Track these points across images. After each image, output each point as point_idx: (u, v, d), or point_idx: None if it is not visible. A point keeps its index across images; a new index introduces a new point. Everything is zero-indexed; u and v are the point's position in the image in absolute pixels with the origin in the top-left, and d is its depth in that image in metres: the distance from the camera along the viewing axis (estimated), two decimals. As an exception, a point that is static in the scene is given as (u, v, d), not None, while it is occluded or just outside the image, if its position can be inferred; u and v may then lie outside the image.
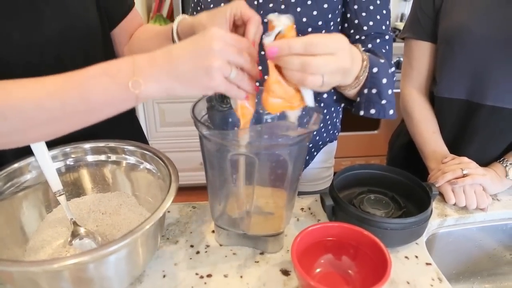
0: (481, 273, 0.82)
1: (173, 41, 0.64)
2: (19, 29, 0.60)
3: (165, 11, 2.10)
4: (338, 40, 0.47)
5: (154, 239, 0.55)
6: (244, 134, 0.50)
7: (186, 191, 1.56)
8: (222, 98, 0.64)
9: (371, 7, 0.75)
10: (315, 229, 0.58)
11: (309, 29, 0.74)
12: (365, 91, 0.66)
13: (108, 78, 0.42)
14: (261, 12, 0.74)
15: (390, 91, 0.68)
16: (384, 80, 0.66)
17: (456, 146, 0.87)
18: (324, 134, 0.91)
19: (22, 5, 0.59)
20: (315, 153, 0.93)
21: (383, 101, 0.67)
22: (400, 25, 2.09)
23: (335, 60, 0.46)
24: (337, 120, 0.93)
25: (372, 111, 0.67)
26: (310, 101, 0.49)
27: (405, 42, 0.95)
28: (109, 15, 0.76)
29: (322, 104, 0.84)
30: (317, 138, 0.90)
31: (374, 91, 0.66)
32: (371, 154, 2.18)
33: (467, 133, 0.87)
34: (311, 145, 0.89)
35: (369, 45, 0.73)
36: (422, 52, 0.92)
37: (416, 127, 0.91)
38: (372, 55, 0.68)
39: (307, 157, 0.91)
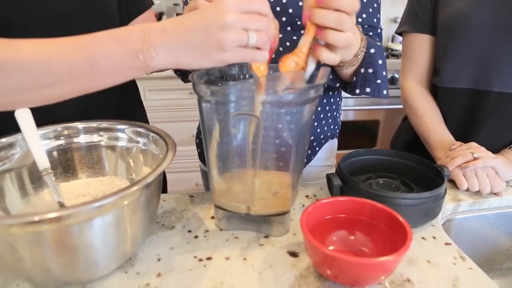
0: (501, 267, 0.77)
1: None
2: (43, 1, 0.61)
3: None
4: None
5: (145, 213, 0.49)
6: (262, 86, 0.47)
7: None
8: (221, 74, 0.62)
9: (364, 0, 0.75)
10: (326, 203, 0.54)
11: (298, 21, 0.73)
12: (362, 70, 0.68)
13: (117, 45, 0.41)
14: None
15: (384, 73, 0.71)
16: (380, 61, 0.69)
17: (463, 137, 0.84)
18: (325, 128, 0.88)
19: None
20: (317, 148, 0.89)
21: (378, 81, 0.70)
22: (392, 45, 2.13)
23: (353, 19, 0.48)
24: (337, 114, 0.91)
25: (368, 89, 0.70)
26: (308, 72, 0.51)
27: (403, 36, 0.95)
28: (128, 6, 0.76)
29: (329, 93, 0.82)
30: (319, 131, 0.86)
31: (370, 70, 0.69)
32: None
33: (474, 123, 0.85)
34: (312, 137, 0.86)
35: None
36: (421, 44, 0.91)
37: (419, 119, 0.89)
38: (369, 38, 0.69)
39: (309, 152, 0.87)
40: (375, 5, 0.78)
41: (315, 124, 0.84)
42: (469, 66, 0.82)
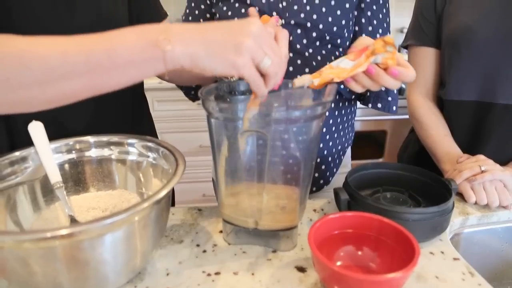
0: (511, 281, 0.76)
1: None
2: (53, 17, 0.61)
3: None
4: None
5: (155, 227, 0.50)
6: (253, 105, 0.48)
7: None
8: (230, 89, 0.63)
9: (380, 15, 0.80)
10: (334, 218, 0.54)
11: (327, 36, 0.75)
12: None
13: (136, 35, 0.42)
14: (287, 14, 0.75)
15: (395, 90, 0.77)
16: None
17: (470, 149, 0.84)
18: (347, 136, 0.91)
19: None
20: (342, 157, 0.92)
21: (389, 98, 0.79)
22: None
23: None
24: (354, 121, 0.94)
25: (379, 105, 0.80)
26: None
27: (409, 49, 0.96)
28: (139, 20, 0.77)
29: (346, 103, 0.86)
30: (344, 140, 0.89)
31: (382, 88, 0.74)
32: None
33: (481, 135, 0.85)
34: (339, 147, 0.88)
35: None
36: (426, 58, 0.92)
37: (426, 132, 0.89)
38: None
39: (337, 161, 0.89)
40: (388, 19, 0.82)
41: (341, 133, 0.87)
42: (474, 78, 0.82)
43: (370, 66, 0.56)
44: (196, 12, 0.84)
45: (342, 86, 0.80)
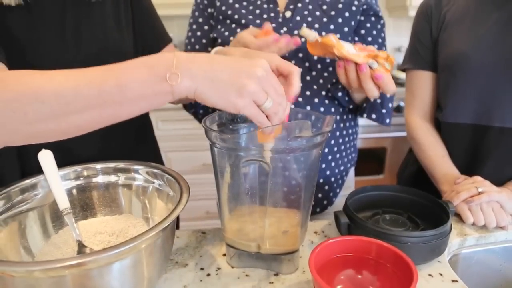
0: (511, 301, 0.76)
1: None
2: (61, 50, 0.65)
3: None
4: None
5: (160, 254, 0.52)
6: (265, 138, 0.50)
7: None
8: (232, 117, 0.65)
9: (380, 40, 0.84)
10: (334, 242, 0.56)
11: (327, 59, 0.79)
12: (371, 99, 0.76)
13: (146, 69, 0.43)
14: (290, 24, 0.78)
15: (390, 104, 0.82)
16: (388, 94, 0.76)
17: (468, 171, 0.86)
18: (350, 157, 0.93)
19: (68, 25, 0.66)
20: (344, 178, 0.93)
21: (384, 110, 0.82)
22: (397, 73, 2.17)
23: None
24: (356, 141, 0.96)
25: (373, 116, 0.83)
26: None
27: (406, 73, 0.98)
28: (145, 45, 0.79)
29: (347, 124, 0.88)
30: (345, 160, 0.91)
31: (378, 100, 0.80)
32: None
33: (478, 157, 0.86)
34: (342, 168, 0.90)
35: None
36: (423, 81, 0.94)
37: (424, 153, 0.91)
38: None
39: (340, 182, 0.91)
40: (383, 34, 0.85)
41: (343, 154, 0.89)
42: (470, 102, 0.84)
43: (364, 64, 0.60)
44: (199, 33, 0.87)
45: (340, 94, 0.82)
